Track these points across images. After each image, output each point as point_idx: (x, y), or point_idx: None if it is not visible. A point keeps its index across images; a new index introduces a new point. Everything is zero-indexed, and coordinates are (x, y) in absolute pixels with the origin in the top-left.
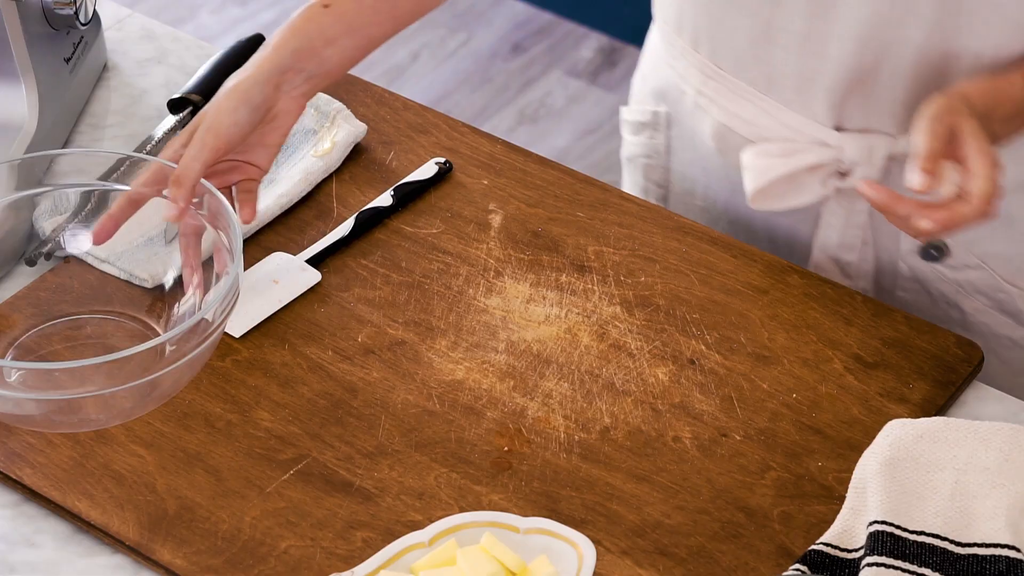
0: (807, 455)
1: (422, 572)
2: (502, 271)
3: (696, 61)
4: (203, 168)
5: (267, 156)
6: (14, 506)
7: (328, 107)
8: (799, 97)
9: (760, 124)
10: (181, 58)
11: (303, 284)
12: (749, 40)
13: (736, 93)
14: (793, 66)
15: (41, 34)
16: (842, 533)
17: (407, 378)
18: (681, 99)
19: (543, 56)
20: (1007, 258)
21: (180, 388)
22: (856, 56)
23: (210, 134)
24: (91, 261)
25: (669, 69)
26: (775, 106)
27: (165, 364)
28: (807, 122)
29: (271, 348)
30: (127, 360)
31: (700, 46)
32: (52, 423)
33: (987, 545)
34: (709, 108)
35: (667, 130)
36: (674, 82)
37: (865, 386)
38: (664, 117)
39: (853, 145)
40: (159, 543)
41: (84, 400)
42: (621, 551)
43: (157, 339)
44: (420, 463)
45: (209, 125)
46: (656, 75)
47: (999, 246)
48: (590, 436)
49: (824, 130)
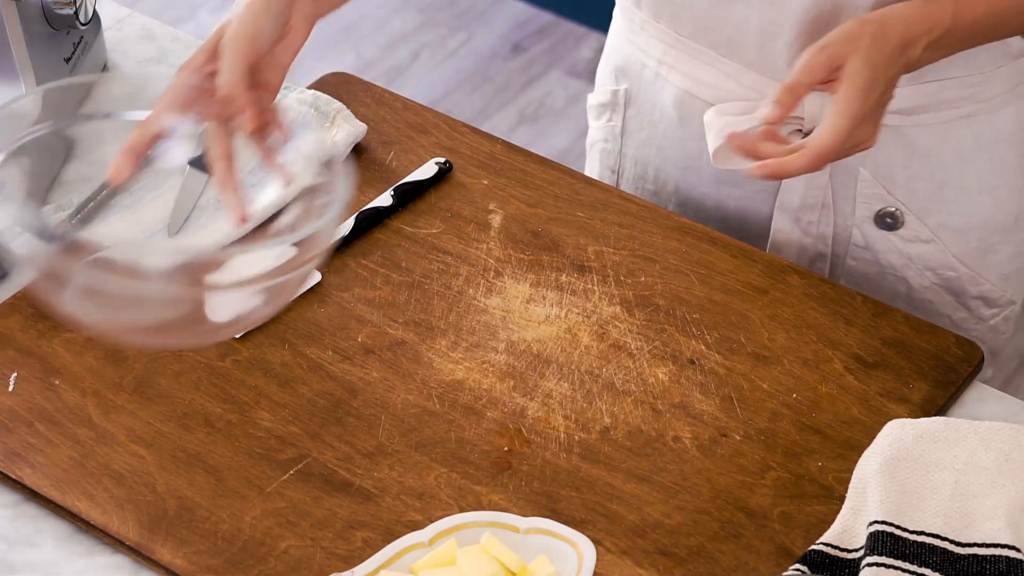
0: (807, 455)
1: (422, 572)
2: (502, 271)
3: (657, 31)
4: (244, 79)
5: (279, 77)
6: (14, 506)
7: (328, 107)
8: (760, 56)
9: (723, 87)
10: (181, 58)
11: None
12: (709, 1)
13: (697, 59)
14: (754, 22)
15: (41, 34)
16: (842, 533)
17: (407, 378)
18: (641, 73)
19: (543, 56)
20: (961, 232)
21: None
22: (816, 5)
23: (240, 43)
24: None
25: (630, 45)
26: (737, 68)
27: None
28: (768, 82)
29: (271, 348)
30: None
31: (661, 16)
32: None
33: (987, 545)
34: (670, 76)
35: (624, 110)
36: (635, 57)
37: (865, 386)
38: (623, 95)
39: (813, 102)
40: (159, 543)
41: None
42: (621, 551)
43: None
44: (420, 463)
45: (235, 35)
46: (617, 53)
47: (955, 220)
48: (590, 436)
49: None
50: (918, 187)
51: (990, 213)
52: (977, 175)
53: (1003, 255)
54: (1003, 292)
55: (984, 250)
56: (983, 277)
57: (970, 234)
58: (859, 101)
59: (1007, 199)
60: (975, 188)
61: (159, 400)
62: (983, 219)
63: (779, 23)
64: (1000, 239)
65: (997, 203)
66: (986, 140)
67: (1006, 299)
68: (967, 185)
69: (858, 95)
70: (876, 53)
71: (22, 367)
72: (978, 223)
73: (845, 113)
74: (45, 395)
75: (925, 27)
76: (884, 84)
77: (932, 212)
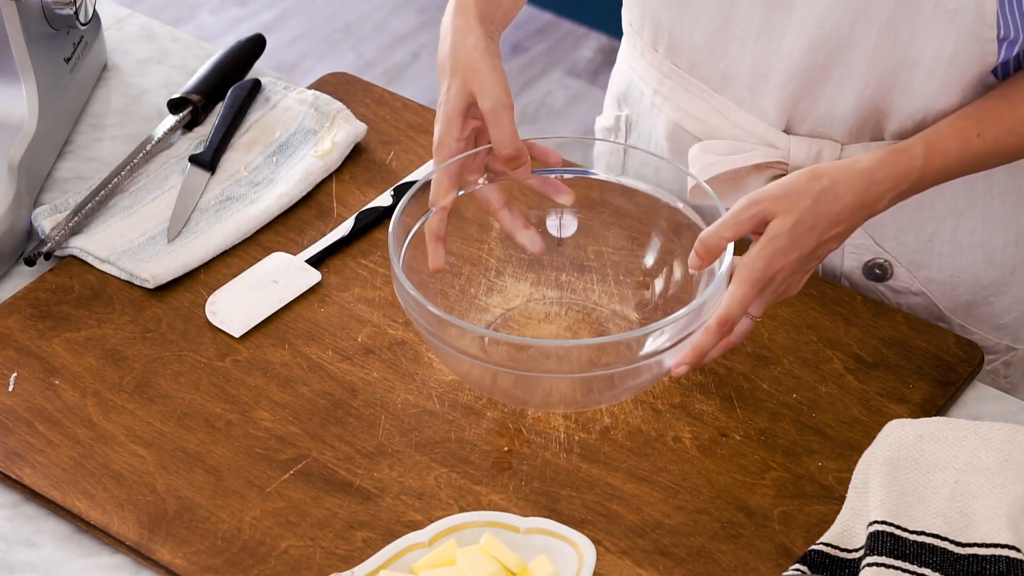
0: (807, 455)
1: (422, 572)
2: (503, 270)
3: (655, 60)
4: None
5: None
6: (14, 506)
7: (328, 107)
8: (751, 95)
9: (711, 123)
10: (181, 58)
11: (303, 284)
12: (707, 33)
13: (690, 91)
14: (748, 60)
15: (41, 34)
16: (842, 533)
17: (407, 378)
18: (640, 100)
19: (543, 56)
20: (951, 286)
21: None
22: (809, 54)
23: (503, 108)
24: (91, 261)
25: (631, 71)
26: (727, 104)
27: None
28: (757, 122)
29: (271, 348)
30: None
31: (659, 43)
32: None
33: (987, 545)
34: (664, 107)
35: (627, 135)
36: (635, 83)
37: (865, 386)
38: (625, 121)
39: (800, 148)
40: (159, 543)
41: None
42: (621, 551)
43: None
44: (420, 463)
45: (498, 98)
46: (620, 78)
47: (945, 274)
48: (590, 436)
49: (773, 131)
50: (908, 240)
51: (982, 267)
52: (970, 229)
53: (998, 307)
54: (999, 340)
55: (975, 303)
56: (974, 328)
57: (961, 288)
58: (763, 267)
59: (999, 253)
60: (967, 242)
61: (159, 400)
62: (975, 273)
63: (771, 65)
64: (994, 292)
65: (989, 258)
66: (979, 194)
67: (1003, 346)
68: (959, 239)
69: (764, 261)
70: (812, 216)
71: (22, 367)
72: (969, 278)
73: (746, 280)
74: (45, 395)
75: (891, 184)
76: (817, 243)
77: (922, 265)
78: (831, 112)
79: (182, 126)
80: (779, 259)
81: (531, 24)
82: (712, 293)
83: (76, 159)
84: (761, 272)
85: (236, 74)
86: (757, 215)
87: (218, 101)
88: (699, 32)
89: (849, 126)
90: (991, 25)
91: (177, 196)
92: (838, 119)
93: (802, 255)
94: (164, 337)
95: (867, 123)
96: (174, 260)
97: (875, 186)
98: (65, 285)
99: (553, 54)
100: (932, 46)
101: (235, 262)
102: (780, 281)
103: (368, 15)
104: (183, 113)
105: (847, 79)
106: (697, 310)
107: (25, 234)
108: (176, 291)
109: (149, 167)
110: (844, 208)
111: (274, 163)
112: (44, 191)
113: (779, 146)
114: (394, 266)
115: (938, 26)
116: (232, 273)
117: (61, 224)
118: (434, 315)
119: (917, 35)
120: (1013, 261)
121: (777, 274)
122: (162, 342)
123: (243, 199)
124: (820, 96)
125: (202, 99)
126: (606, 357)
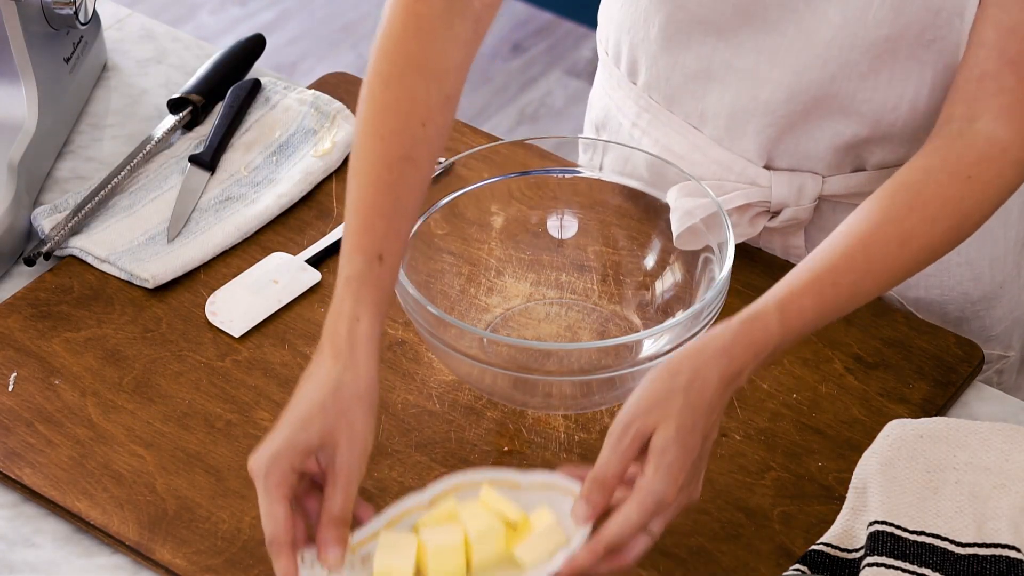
0: (807, 455)
1: (423, 530)
2: (503, 270)
3: (632, 92)
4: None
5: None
6: (13, 506)
7: (328, 107)
8: (729, 135)
9: (691, 158)
10: (181, 58)
11: (303, 284)
12: (686, 76)
13: (669, 127)
14: (727, 104)
15: (41, 34)
16: (842, 533)
17: (407, 378)
18: (619, 130)
19: (543, 56)
20: (940, 304)
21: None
22: (787, 103)
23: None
24: (91, 261)
25: (608, 99)
26: (707, 141)
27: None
28: (737, 159)
29: (271, 348)
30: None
31: (637, 77)
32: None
33: (988, 545)
34: (642, 140)
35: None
36: (612, 113)
37: (865, 386)
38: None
39: (782, 184)
40: (159, 543)
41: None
42: None
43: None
44: (420, 463)
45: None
46: (598, 104)
47: (933, 293)
48: (590, 436)
49: (754, 168)
50: None
51: (971, 285)
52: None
53: (988, 320)
54: (990, 350)
55: (966, 319)
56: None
57: (950, 306)
58: (664, 488)
59: (987, 269)
60: (954, 261)
61: (159, 400)
62: (963, 291)
63: (750, 110)
64: (984, 307)
65: (977, 274)
66: None
67: (995, 355)
68: (946, 258)
69: (664, 483)
70: (690, 414)
71: (22, 367)
72: (958, 296)
73: (648, 507)
74: (45, 395)
75: (750, 355)
76: (702, 438)
77: (910, 286)
78: (812, 150)
79: (182, 126)
80: (676, 472)
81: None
82: (713, 296)
83: (76, 159)
84: (663, 494)
85: (236, 74)
86: (636, 436)
87: (218, 101)
88: (677, 75)
89: (829, 161)
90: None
91: (177, 196)
92: (819, 156)
93: (694, 458)
94: (164, 337)
95: (847, 157)
96: (174, 260)
97: (735, 361)
98: (65, 285)
99: (553, 54)
100: (913, 82)
101: (235, 262)
102: (684, 495)
103: (368, 15)
104: (183, 113)
105: (827, 122)
106: (697, 312)
107: (25, 234)
108: (176, 291)
109: (149, 167)
110: (713, 392)
111: (274, 163)
112: (44, 191)
113: (760, 182)
114: None
115: (917, 60)
116: (232, 273)
117: (61, 224)
118: (434, 315)
119: (897, 77)
120: (1002, 276)
121: (680, 492)
122: (162, 342)
123: (243, 199)
124: (800, 137)
125: (202, 99)
126: (607, 359)
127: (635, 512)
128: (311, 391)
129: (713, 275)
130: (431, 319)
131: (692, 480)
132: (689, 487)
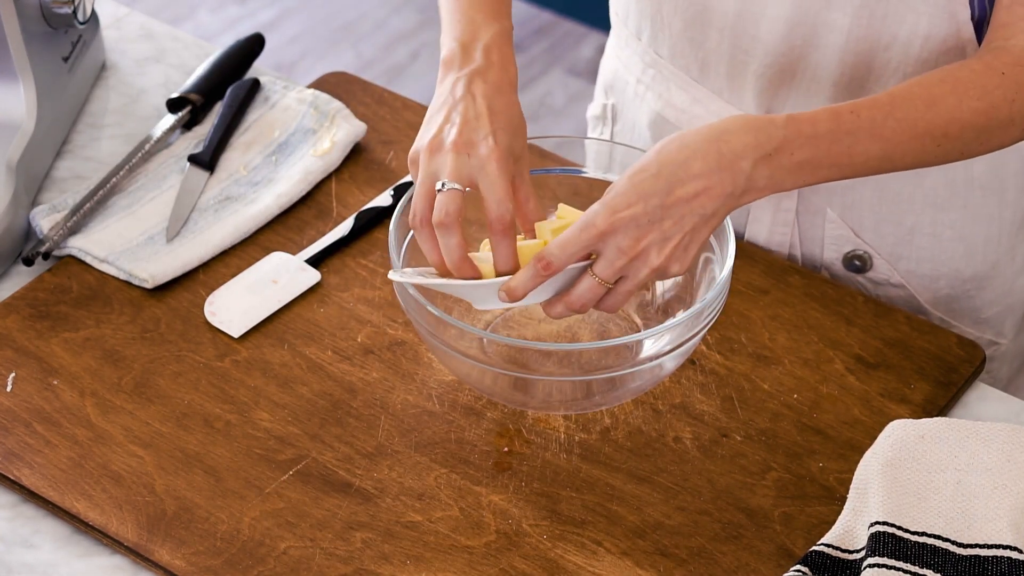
0: (808, 456)
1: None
2: None
3: (638, 49)
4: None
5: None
6: (12, 507)
7: (327, 107)
8: (730, 84)
9: (692, 112)
10: (180, 57)
11: (303, 284)
12: (685, 21)
13: (671, 81)
14: (726, 49)
15: (39, 33)
16: (843, 534)
17: (407, 378)
18: (625, 89)
19: (543, 56)
20: (932, 279)
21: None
22: (785, 39)
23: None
24: (90, 261)
25: (617, 60)
26: (707, 94)
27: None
28: (736, 112)
29: (271, 348)
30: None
31: (642, 32)
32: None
33: (989, 546)
34: (646, 96)
35: (612, 125)
36: (620, 73)
37: (866, 386)
38: (611, 110)
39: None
40: (158, 544)
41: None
42: (621, 552)
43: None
44: (420, 463)
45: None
46: (608, 67)
47: (925, 267)
48: (590, 436)
49: None
50: (887, 231)
51: (963, 261)
52: (950, 222)
53: (979, 301)
54: (980, 335)
55: (956, 297)
56: (954, 322)
57: (941, 281)
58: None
59: (980, 248)
60: (947, 235)
61: (158, 400)
62: (955, 267)
63: (749, 53)
64: (975, 286)
65: (970, 252)
66: (960, 187)
67: (986, 340)
68: (939, 232)
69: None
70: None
71: (20, 367)
72: (950, 271)
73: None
74: (43, 395)
75: (749, 138)
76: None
77: (902, 258)
78: (808, 102)
79: (181, 125)
80: (621, 206)
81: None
82: (713, 296)
83: (74, 159)
84: (596, 216)
85: (235, 73)
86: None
87: (217, 100)
88: (677, 21)
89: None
90: (964, 4)
91: (176, 196)
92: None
93: (649, 207)
94: (163, 337)
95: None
96: (173, 260)
97: (728, 135)
98: (63, 285)
99: (553, 53)
100: (906, 25)
101: (234, 262)
102: (629, 238)
103: (368, 14)
104: (182, 112)
105: (824, 64)
106: (698, 312)
107: (23, 234)
108: (175, 291)
109: (148, 167)
110: (693, 155)
111: (273, 163)
112: (42, 191)
113: None
114: (394, 266)
115: (912, 3)
116: (231, 273)
117: (59, 224)
118: (434, 316)
119: (891, 14)
120: (995, 256)
121: (620, 227)
122: (161, 342)
123: (242, 199)
124: (798, 84)
125: (201, 98)
126: (607, 359)
127: (569, 229)
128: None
129: (713, 275)
130: (431, 319)
131: (662, 242)
132: (662, 251)
